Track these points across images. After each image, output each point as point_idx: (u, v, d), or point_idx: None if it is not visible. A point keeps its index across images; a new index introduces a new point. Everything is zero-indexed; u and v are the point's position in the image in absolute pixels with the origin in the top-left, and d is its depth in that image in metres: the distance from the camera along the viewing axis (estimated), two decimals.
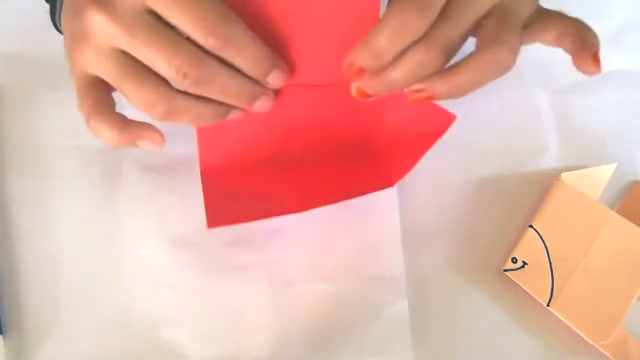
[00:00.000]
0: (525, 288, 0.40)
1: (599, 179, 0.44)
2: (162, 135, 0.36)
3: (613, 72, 0.47)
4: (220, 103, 0.35)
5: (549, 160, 0.45)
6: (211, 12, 0.32)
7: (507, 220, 0.43)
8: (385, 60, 0.33)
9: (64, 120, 0.44)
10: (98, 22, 0.32)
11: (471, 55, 0.33)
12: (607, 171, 0.44)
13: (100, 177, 0.44)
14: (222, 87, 0.34)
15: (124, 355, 0.40)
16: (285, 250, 0.42)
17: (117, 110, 0.35)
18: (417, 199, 0.44)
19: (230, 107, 0.36)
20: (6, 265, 0.42)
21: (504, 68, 0.33)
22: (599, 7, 0.49)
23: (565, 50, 0.35)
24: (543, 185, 0.44)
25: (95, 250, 0.42)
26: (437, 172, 0.45)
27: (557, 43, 0.36)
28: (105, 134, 0.34)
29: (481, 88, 0.34)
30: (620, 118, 0.46)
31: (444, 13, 0.33)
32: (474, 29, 0.34)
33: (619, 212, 0.41)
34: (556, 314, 0.40)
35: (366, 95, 0.35)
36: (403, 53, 0.33)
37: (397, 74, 0.33)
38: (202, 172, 0.40)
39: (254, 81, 0.35)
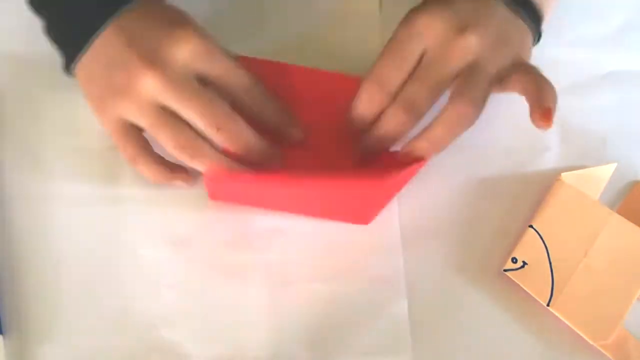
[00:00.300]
0: (525, 288, 0.40)
1: (599, 179, 0.44)
2: (191, 176, 0.41)
3: (613, 72, 0.47)
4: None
5: (549, 160, 0.45)
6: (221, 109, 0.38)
7: (507, 220, 0.43)
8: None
9: (64, 120, 0.44)
10: (149, 81, 0.37)
11: (441, 110, 0.38)
12: (607, 171, 0.44)
13: (100, 177, 0.44)
14: (245, 142, 0.39)
15: (124, 355, 0.40)
16: (285, 250, 0.42)
17: None
18: (417, 199, 0.44)
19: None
20: (6, 265, 0.42)
21: (467, 120, 0.38)
22: (599, 7, 0.49)
23: (528, 102, 0.39)
24: (543, 185, 0.44)
25: (95, 250, 0.42)
26: (437, 172, 0.44)
27: (524, 95, 0.39)
28: (152, 172, 0.40)
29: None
30: (620, 118, 0.46)
31: (413, 75, 0.39)
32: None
33: (619, 212, 0.41)
34: (556, 314, 0.40)
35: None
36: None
37: (371, 140, 0.40)
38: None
39: (269, 144, 0.40)
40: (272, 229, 0.43)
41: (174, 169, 0.40)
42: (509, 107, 0.46)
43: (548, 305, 0.40)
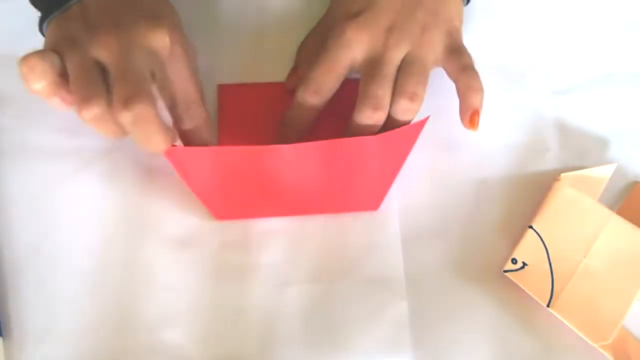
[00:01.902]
0: (525, 289, 0.40)
1: (599, 179, 0.44)
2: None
3: (613, 72, 0.47)
4: None
5: (549, 160, 0.45)
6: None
7: (507, 220, 0.43)
8: None
9: (64, 121, 0.44)
10: (105, 44, 0.36)
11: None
12: (607, 171, 0.44)
13: (100, 177, 0.44)
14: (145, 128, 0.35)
15: (124, 356, 0.40)
16: (285, 251, 0.42)
17: None
18: (417, 199, 0.44)
19: None
20: (6, 266, 0.42)
21: (408, 114, 0.39)
22: (600, 8, 0.49)
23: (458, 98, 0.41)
24: (543, 186, 0.44)
25: (95, 250, 0.42)
26: (437, 172, 0.45)
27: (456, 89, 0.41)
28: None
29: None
30: (620, 118, 0.46)
31: (369, 76, 0.40)
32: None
33: (619, 213, 0.41)
34: (556, 314, 0.40)
35: None
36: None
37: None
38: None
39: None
40: (272, 229, 0.43)
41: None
42: (509, 108, 0.46)
43: (548, 306, 0.40)
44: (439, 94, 0.41)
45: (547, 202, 0.42)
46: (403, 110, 0.39)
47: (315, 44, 0.43)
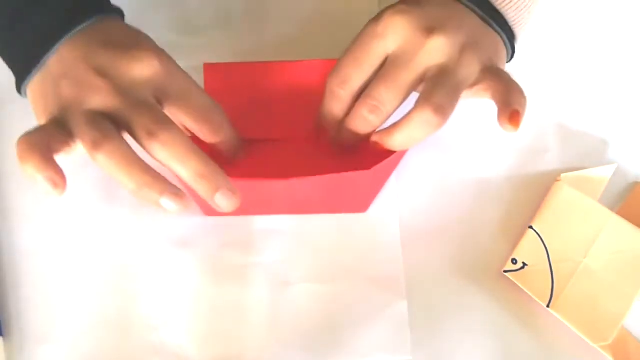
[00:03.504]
0: (525, 289, 0.40)
1: (599, 180, 0.44)
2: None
3: (613, 73, 0.47)
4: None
5: (549, 161, 0.45)
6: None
7: (507, 221, 0.43)
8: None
9: None
10: (99, 93, 0.34)
11: (405, 115, 0.37)
12: (607, 172, 0.44)
13: (100, 177, 0.44)
14: (183, 152, 0.34)
15: (124, 356, 0.40)
16: (285, 250, 0.43)
17: None
18: (417, 199, 0.44)
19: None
20: (5, 266, 0.42)
21: (431, 126, 0.36)
22: (601, 9, 0.49)
23: (496, 105, 0.38)
24: (543, 186, 0.44)
25: (95, 250, 0.42)
26: (437, 172, 0.44)
27: (493, 99, 0.38)
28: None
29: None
30: (620, 119, 0.46)
31: (379, 74, 0.37)
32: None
33: (620, 213, 0.41)
34: (556, 315, 0.40)
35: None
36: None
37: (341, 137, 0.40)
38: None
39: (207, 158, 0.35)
40: (271, 229, 0.43)
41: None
42: None
43: (548, 306, 0.40)
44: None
45: (547, 202, 0.42)
46: (422, 122, 0.36)
47: None
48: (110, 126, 0.33)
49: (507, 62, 0.42)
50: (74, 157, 0.44)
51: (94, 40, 0.35)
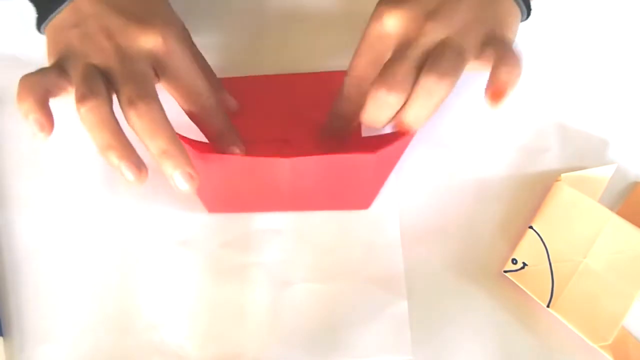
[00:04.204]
0: (525, 289, 0.40)
1: (599, 179, 0.44)
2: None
3: (613, 72, 0.47)
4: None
5: (549, 161, 0.45)
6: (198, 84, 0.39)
7: (507, 221, 0.43)
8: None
9: (64, 121, 0.44)
10: (101, 51, 0.36)
11: (412, 89, 0.37)
12: (607, 172, 0.44)
13: (100, 177, 0.44)
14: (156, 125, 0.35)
15: (124, 356, 0.40)
16: (285, 250, 0.43)
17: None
18: (417, 199, 0.44)
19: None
20: (5, 266, 0.42)
21: (438, 92, 0.36)
22: (601, 9, 0.49)
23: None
24: (543, 186, 0.44)
25: (95, 250, 0.42)
26: (437, 172, 0.44)
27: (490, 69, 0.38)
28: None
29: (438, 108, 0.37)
30: (620, 118, 0.46)
31: (390, 59, 0.37)
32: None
33: (620, 213, 0.41)
34: (556, 315, 0.40)
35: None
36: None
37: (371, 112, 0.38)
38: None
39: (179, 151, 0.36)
40: (271, 229, 0.43)
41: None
42: (509, 108, 0.46)
43: (548, 306, 0.40)
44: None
45: (547, 202, 0.42)
46: (428, 90, 0.36)
47: None
48: (101, 85, 0.35)
49: (523, 21, 0.41)
50: (74, 157, 0.44)
51: (112, 2, 0.38)
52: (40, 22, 0.39)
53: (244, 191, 0.42)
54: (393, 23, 0.38)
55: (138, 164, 0.35)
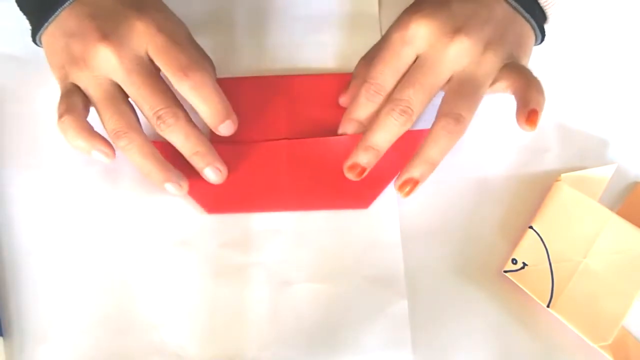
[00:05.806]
0: (525, 289, 0.40)
1: (599, 179, 0.44)
2: (114, 150, 0.40)
3: (613, 73, 0.47)
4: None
5: (549, 161, 0.45)
6: (188, 61, 0.38)
7: (507, 221, 0.43)
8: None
9: None
10: (104, 55, 0.38)
11: (430, 129, 0.38)
12: (607, 172, 0.44)
13: (100, 177, 0.44)
14: (184, 139, 0.39)
15: (124, 356, 0.40)
16: (285, 250, 0.43)
17: None
18: (417, 199, 0.44)
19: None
20: (5, 266, 0.42)
21: (454, 136, 0.38)
22: (601, 10, 0.49)
23: (516, 102, 0.39)
24: (543, 186, 0.44)
25: (95, 251, 0.42)
26: (437, 172, 0.44)
27: (512, 95, 0.40)
28: (71, 133, 0.38)
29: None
30: (620, 118, 0.46)
31: (407, 77, 0.39)
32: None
33: (620, 213, 0.41)
34: (556, 315, 0.40)
35: (362, 170, 0.40)
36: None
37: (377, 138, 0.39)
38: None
39: (208, 150, 0.40)
40: (271, 229, 0.43)
41: (95, 137, 0.39)
42: (509, 108, 0.46)
43: (548, 306, 0.40)
44: (439, 94, 0.41)
45: (547, 202, 0.42)
46: (444, 132, 0.38)
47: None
48: (123, 105, 0.39)
49: (537, 45, 0.43)
50: (74, 158, 0.44)
51: (93, 13, 0.39)
52: (34, 35, 0.41)
53: (243, 187, 0.42)
54: (421, 36, 0.39)
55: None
